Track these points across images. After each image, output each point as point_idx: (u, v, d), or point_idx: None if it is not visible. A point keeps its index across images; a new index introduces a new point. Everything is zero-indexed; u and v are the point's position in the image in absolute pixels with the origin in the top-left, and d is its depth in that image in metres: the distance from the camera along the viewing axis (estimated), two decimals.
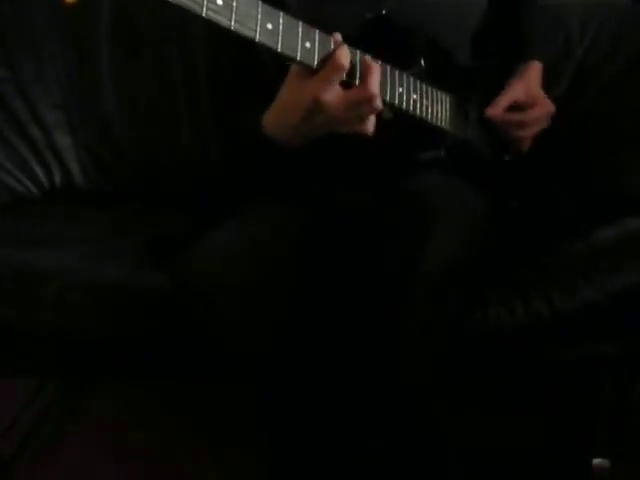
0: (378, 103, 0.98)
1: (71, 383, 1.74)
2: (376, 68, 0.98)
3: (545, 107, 1.27)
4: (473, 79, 1.26)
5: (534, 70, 1.29)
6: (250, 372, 1.05)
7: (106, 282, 1.21)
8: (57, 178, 1.63)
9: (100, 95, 1.61)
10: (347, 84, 0.98)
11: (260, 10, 0.89)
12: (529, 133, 1.28)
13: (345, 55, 0.95)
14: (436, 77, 1.15)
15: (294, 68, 0.99)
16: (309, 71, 0.96)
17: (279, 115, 1.04)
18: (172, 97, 1.62)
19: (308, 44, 0.94)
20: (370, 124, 1.01)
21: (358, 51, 0.99)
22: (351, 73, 0.98)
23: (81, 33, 1.61)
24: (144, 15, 1.61)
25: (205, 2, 0.83)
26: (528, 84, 1.27)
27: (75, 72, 1.61)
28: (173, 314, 1.12)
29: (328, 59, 0.95)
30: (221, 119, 1.55)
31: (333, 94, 0.96)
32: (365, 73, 0.98)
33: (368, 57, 1.00)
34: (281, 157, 1.08)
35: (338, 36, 0.97)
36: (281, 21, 0.91)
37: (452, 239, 1.02)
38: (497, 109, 1.23)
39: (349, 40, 0.99)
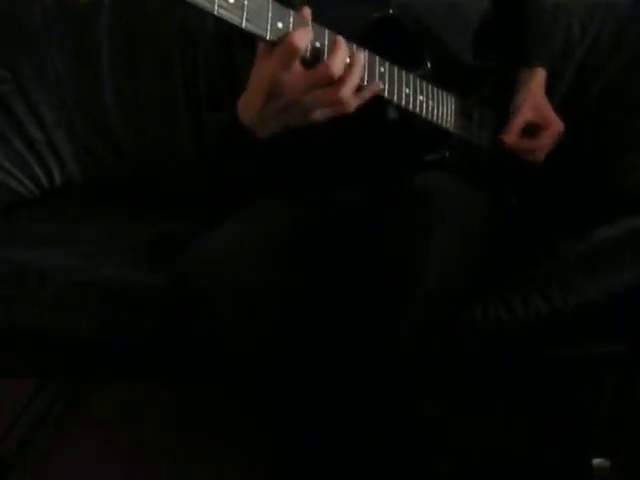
0: (344, 89, 0.93)
1: (71, 383, 1.74)
2: (341, 48, 0.93)
3: (556, 128, 1.28)
4: (476, 79, 1.26)
5: (538, 79, 1.29)
6: (250, 372, 1.05)
7: (106, 282, 1.21)
8: (57, 178, 1.62)
9: (100, 95, 1.61)
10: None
11: (271, 8, 0.89)
12: (541, 157, 1.28)
13: (302, 36, 0.90)
14: (441, 78, 1.15)
15: (260, 47, 0.94)
16: (271, 49, 0.92)
17: (246, 98, 0.99)
18: (172, 97, 1.62)
19: (318, 43, 0.93)
20: (349, 104, 0.95)
21: (327, 31, 0.95)
22: (317, 54, 0.93)
23: (81, 33, 1.61)
24: (144, 15, 1.62)
25: (217, 0, 0.83)
26: (537, 103, 1.27)
27: (75, 72, 1.61)
28: (173, 314, 1.12)
29: (284, 38, 0.90)
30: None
31: (291, 74, 0.91)
32: (329, 53, 0.92)
33: (340, 39, 0.94)
34: (257, 146, 1.02)
35: (307, 12, 0.93)
36: (291, 20, 0.91)
37: (452, 239, 1.02)
38: (511, 136, 1.23)
39: (356, 39, 0.98)
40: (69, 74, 1.61)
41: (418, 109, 1.09)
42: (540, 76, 1.29)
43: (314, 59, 0.93)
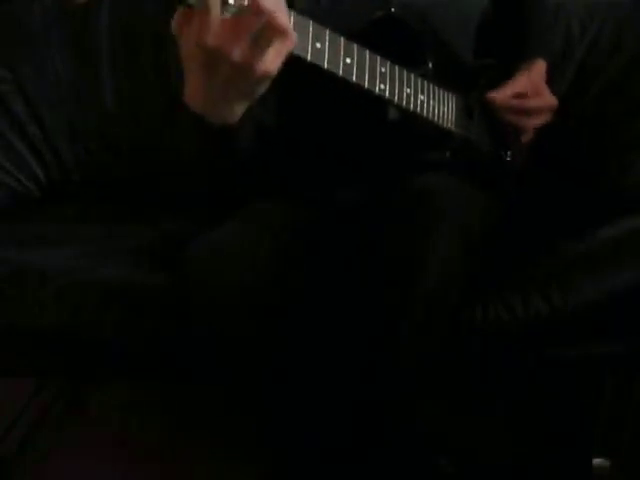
0: (279, 21, 0.80)
1: (71, 383, 1.74)
2: None
3: (548, 99, 1.28)
4: (477, 78, 1.26)
5: (538, 67, 1.29)
6: (250, 372, 1.05)
7: (106, 282, 1.21)
8: (56, 178, 1.62)
9: (99, 95, 1.61)
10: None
11: None
12: (531, 123, 1.28)
13: None
14: (442, 77, 1.15)
15: (176, 18, 0.84)
16: (189, 15, 0.81)
17: (188, 86, 0.89)
18: (172, 97, 1.61)
19: (319, 44, 0.92)
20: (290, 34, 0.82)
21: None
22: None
23: (81, 33, 1.61)
24: (144, 15, 1.61)
25: (219, 2, 0.83)
26: (532, 77, 1.27)
27: (75, 72, 1.61)
28: (173, 314, 1.12)
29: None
30: None
31: (214, 27, 0.79)
32: None
33: None
34: (218, 137, 0.92)
35: None
36: (292, 20, 0.90)
37: (452, 239, 1.02)
38: (502, 95, 1.23)
39: (358, 38, 0.97)
40: (69, 74, 1.61)
41: (419, 109, 1.09)
42: (540, 65, 1.30)
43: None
